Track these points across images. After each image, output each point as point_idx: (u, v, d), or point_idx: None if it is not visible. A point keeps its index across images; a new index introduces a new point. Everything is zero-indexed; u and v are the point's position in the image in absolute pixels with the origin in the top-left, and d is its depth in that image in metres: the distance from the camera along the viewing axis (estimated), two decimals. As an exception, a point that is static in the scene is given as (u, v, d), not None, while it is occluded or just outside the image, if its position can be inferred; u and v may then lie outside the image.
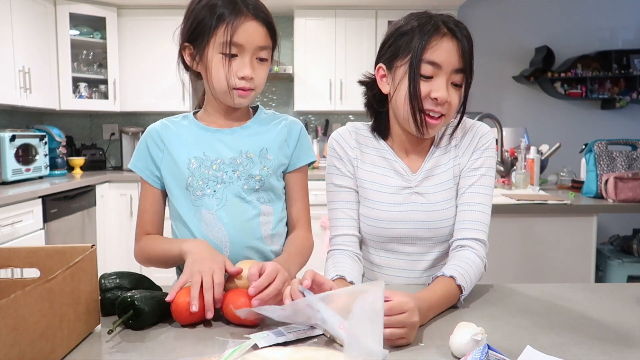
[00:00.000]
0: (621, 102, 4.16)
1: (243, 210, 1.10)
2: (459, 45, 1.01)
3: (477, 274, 1.02)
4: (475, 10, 4.26)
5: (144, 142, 1.14)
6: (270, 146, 1.13)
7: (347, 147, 1.16)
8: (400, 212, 1.11)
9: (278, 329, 0.79)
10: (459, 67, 1.01)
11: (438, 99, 1.01)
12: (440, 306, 0.91)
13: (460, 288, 0.95)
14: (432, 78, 1.02)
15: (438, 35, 1.00)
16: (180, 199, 1.11)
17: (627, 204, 2.40)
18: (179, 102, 3.88)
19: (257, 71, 1.05)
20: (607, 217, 3.85)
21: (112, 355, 0.75)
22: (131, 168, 1.15)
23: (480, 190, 1.09)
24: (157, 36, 3.85)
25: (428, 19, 1.03)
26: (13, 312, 0.61)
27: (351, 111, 4.22)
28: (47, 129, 3.51)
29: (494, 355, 0.69)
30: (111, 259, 3.54)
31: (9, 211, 2.44)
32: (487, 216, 1.08)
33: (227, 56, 1.02)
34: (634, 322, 0.88)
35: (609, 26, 4.34)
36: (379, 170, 1.15)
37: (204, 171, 1.09)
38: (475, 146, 1.12)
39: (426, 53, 1.00)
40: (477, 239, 1.06)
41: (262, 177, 1.10)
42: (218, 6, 1.01)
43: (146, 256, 1.11)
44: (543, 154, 2.94)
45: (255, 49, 1.03)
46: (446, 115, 1.05)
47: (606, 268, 2.87)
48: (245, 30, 1.01)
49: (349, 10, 3.93)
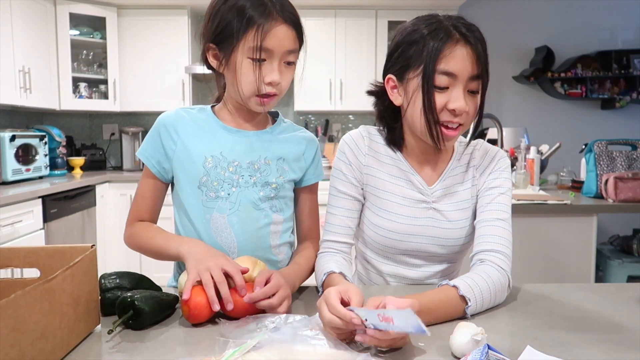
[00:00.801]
0: (621, 102, 4.16)
1: (255, 217, 1.08)
2: (473, 50, 0.96)
3: (494, 288, 0.93)
4: (475, 10, 4.26)
5: (156, 130, 1.08)
6: (287, 156, 1.11)
7: (358, 153, 1.12)
8: (415, 226, 1.08)
9: (278, 329, 0.79)
10: (475, 73, 0.96)
11: (456, 110, 0.97)
12: (434, 309, 0.86)
13: (464, 299, 0.89)
14: (447, 88, 0.97)
15: (451, 42, 0.95)
16: (190, 196, 1.07)
17: (627, 204, 2.40)
18: (179, 102, 3.87)
19: (284, 75, 1.01)
20: (607, 217, 3.85)
21: (112, 355, 0.75)
22: (139, 156, 1.10)
23: (500, 208, 1.05)
24: (157, 36, 3.85)
25: (438, 25, 0.97)
26: (13, 312, 0.61)
27: (351, 111, 4.22)
28: (47, 129, 3.51)
29: (494, 355, 0.69)
30: (111, 259, 3.54)
31: (9, 211, 2.44)
32: (509, 232, 1.03)
33: (256, 61, 0.98)
34: (634, 322, 0.88)
35: (609, 26, 4.34)
36: (394, 180, 1.10)
37: (219, 172, 1.06)
38: (492, 167, 1.10)
39: (440, 63, 0.95)
40: (498, 251, 0.99)
41: (277, 185, 1.09)
42: (247, 8, 0.96)
43: (137, 243, 1.08)
44: (543, 154, 2.94)
45: (284, 53, 0.99)
46: (464, 125, 1.01)
47: (606, 268, 2.87)
48: (275, 35, 0.97)
49: (349, 10, 3.93)
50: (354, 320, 0.73)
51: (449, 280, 0.92)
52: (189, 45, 3.87)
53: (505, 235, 1.02)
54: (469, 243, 1.11)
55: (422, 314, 0.76)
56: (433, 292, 0.90)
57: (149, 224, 1.10)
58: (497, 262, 0.98)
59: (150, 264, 3.60)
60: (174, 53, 3.86)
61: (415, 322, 0.67)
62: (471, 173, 1.12)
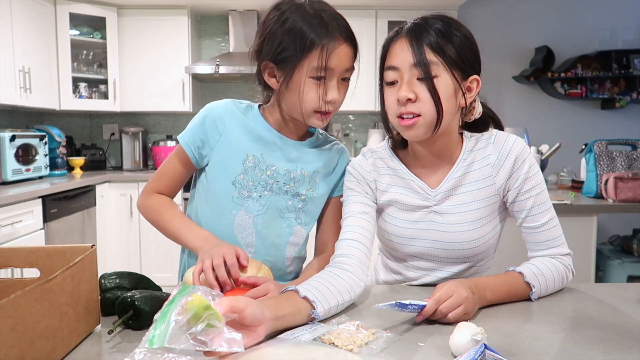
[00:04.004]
0: (621, 102, 4.16)
1: (278, 225, 1.10)
2: (411, 40, 0.97)
3: (558, 277, 1.02)
4: (475, 10, 4.26)
5: (202, 117, 1.08)
6: (321, 170, 1.12)
7: (363, 172, 1.11)
8: (415, 230, 1.08)
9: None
10: (414, 61, 0.96)
11: (399, 100, 0.97)
12: (500, 289, 0.96)
13: (529, 285, 0.98)
14: (397, 82, 1.00)
15: (394, 39, 1.02)
16: (222, 189, 1.08)
17: (627, 204, 2.40)
18: (179, 102, 3.88)
19: (341, 92, 1.04)
20: (607, 217, 3.86)
21: (112, 355, 0.75)
22: (179, 139, 1.10)
23: (542, 209, 1.05)
24: (157, 36, 3.85)
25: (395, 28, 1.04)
26: (13, 312, 0.61)
27: (351, 111, 4.22)
28: (47, 129, 3.51)
29: (491, 355, 0.69)
30: (111, 259, 3.54)
31: (9, 211, 2.44)
32: (559, 228, 1.06)
33: (318, 80, 0.99)
34: (634, 322, 0.88)
35: (609, 26, 4.34)
36: (394, 189, 1.10)
37: (257, 173, 1.08)
38: (512, 167, 1.04)
39: (386, 61, 1.03)
40: (560, 254, 1.05)
41: (306, 198, 1.11)
42: (308, 31, 0.97)
43: (153, 218, 1.11)
44: (543, 154, 2.94)
45: (343, 70, 1.02)
46: (422, 115, 0.96)
47: (606, 268, 2.87)
48: (338, 55, 0.99)
49: (349, 10, 3.93)
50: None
51: (515, 267, 1.01)
52: (189, 45, 3.87)
53: (557, 235, 1.06)
54: (484, 245, 1.08)
55: (487, 290, 0.95)
56: (496, 275, 1.01)
57: (168, 200, 1.13)
58: (563, 261, 1.05)
59: (150, 264, 3.60)
60: (174, 53, 3.86)
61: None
62: (487, 171, 1.06)
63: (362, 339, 0.78)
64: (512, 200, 1.06)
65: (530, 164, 1.05)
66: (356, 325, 0.83)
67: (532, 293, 0.98)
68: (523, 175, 1.04)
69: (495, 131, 1.09)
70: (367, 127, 4.36)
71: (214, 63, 3.69)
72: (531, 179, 1.04)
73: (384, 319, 0.88)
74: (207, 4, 3.87)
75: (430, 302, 0.85)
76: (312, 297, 0.85)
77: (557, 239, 1.05)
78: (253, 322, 0.72)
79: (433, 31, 0.97)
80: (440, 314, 0.86)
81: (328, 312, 0.87)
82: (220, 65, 3.67)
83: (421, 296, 0.90)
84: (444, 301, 0.86)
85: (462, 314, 0.86)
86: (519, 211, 1.06)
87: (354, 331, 0.81)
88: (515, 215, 1.08)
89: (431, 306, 0.85)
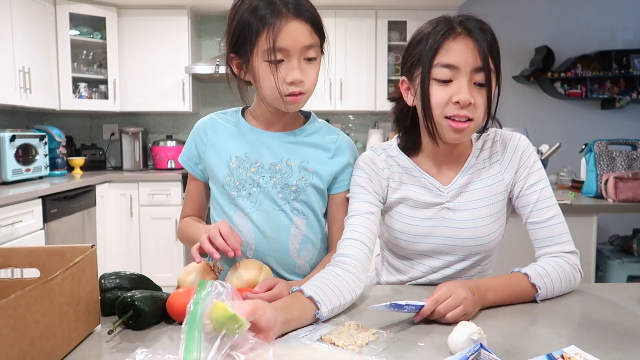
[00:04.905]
0: (621, 102, 4.16)
1: (276, 217, 1.09)
2: (475, 42, 0.95)
3: (564, 278, 1.00)
4: (475, 10, 4.20)
5: (192, 135, 1.16)
6: (312, 158, 1.10)
7: (377, 168, 1.10)
8: (427, 227, 1.08)
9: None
10: (479, 65, 0.96)
11: (460, 102, 0.95)
12: (503, 290, 0.95)
13: (534, 287, 0.96)
14: (451, 81, 0.96)
15: (451, 35, 0.96)
16: (218, 194, 1.13)
17: (627, 204, 2.40)
18: (179, 102, 3.88)
19: (307, 73, 1.00)
20: (607, 217, 3.85)
21: (112, 355, 0.75)
22: (179, 161, 1.18)
23: (547, 204, 1.05)
24: (157, 36, 3.85)
25: (443, 21, 0.98)
26: (13, 312, 0.61)
27: (351, 111, 4.22)
28: (47, 129, 3.51)
29: (486, 355, 0.69)
30: (111, 259, 3.54)
31: (9, 211, 2.44)
32: (564, 226, 1.05)
33: (273, 63, 0.96)
34: (634, 322, 0.88)
35: (609, 26, 4.34)
36: (406, 186, 1.10)
37: (242, 172, 1.09)
38: (519, 162, 1.07)
39: (438, 57, 0.96)
40: (565, 252, 1.03)
41: (298, 188, 1.09)
42: (257, 10, 0.95)
43: (182, 236, 1.20)
44: (543, 154, 2.94)
45: (302, 49, 0.97)
46: (474, 120, 0.98)
47: (606, 268, 2.87)
48: (288, 33, 0.94)
49: (349, 10, 3.93)
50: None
51: (520, 269, 0.99)
52: (189, 45, 3.87)
53: (562, 231, 1.05)
54: (493, 242, 1.09)
55: (489, 291, 0.93)
56: (499, 276, 0.99)
57: (190, 218, 1.18)
58: (567, 257, 1.03)
59: (150, 264, 3.60)
60: (174, 53, 3.86)
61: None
62: (496, 168, 1.09)
63: (363, 339, 0.78)
64: (518, 194, 1.08)
65: (535, 159, 1.08)
66: (357, 325, 0.84)
67: (538, 295, 0.97)
68: (528, 169, 1.07)
69: (497, 129, 1.11)
70: (367, 127, 4.35)
71: (214, 63, 3.69)
72: (535, 173, 1.07)
73: (384, 319, 0.88)
74: (207, 4, 3.87)
75: (428, 302, 0.86)
76: (316, 297, 0.86)
77: (562, 235, 1.05)
78: (267, 326, 0.73)
79: (490, 35, 0.98)
80: (439, 314, 0.86)
81: (331, 313, 0.88)
82: (220, 65, 3.67)
83: (422, 297, 0.90)
84: (443, 301, 0.86)
85: (460, 314, 0.86)
86: (524, 206, 1.07)
87: (355, 331, 0.81)
88: (520, 212, 1.09)
89: (429, 306, 0.85)
